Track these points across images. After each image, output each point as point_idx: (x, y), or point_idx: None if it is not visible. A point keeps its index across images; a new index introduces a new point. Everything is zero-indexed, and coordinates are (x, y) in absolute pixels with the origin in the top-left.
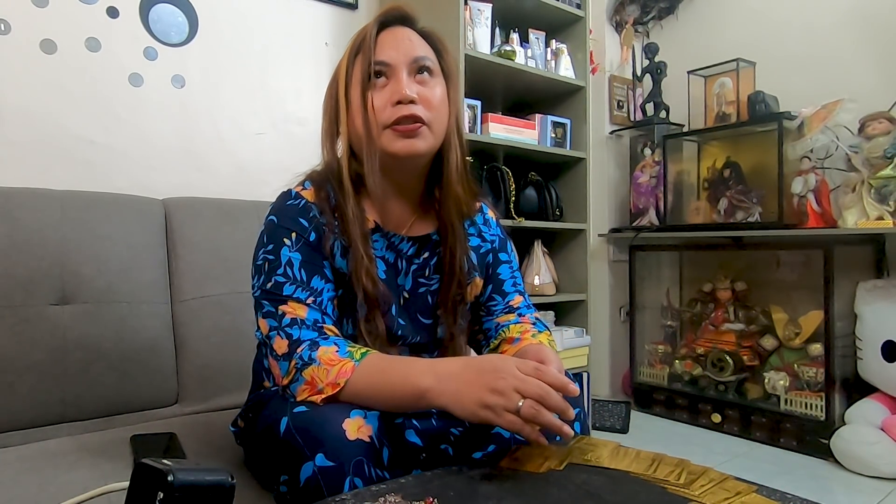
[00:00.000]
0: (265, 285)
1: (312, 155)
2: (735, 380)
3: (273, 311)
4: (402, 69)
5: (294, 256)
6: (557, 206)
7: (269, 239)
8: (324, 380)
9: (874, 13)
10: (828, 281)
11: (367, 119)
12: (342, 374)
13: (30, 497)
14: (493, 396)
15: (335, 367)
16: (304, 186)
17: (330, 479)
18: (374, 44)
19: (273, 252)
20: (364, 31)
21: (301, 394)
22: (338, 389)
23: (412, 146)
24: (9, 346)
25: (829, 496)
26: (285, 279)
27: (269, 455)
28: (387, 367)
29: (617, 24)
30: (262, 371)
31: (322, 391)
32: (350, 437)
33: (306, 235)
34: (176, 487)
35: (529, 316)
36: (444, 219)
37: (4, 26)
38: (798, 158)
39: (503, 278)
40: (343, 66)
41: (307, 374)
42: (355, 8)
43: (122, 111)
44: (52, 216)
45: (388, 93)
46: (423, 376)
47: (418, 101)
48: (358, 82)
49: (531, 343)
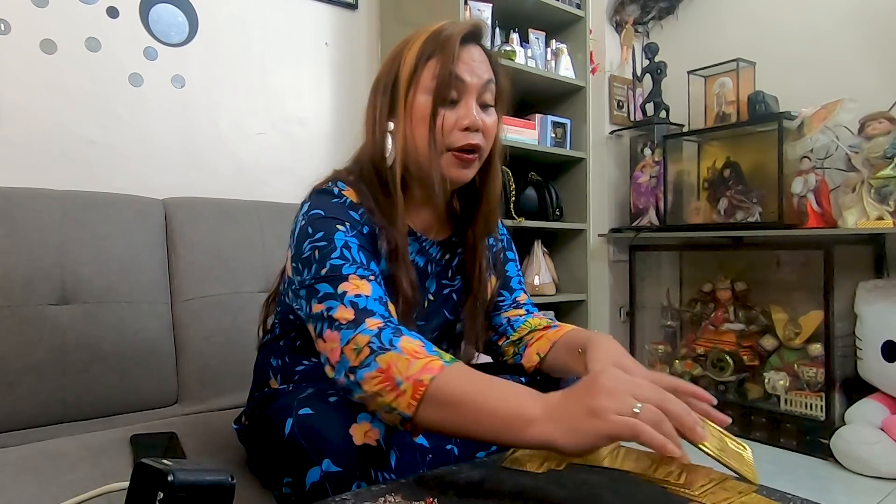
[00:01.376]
0: (318, 272)
1: (312, 155)
2: (735, 380)
3: (332, 291)
4: (474, 92)
5: (351, 241)
6: (557, 206)
7: (318, 229)
8: (404, 372)
9: (874, 13)
10: (828, 281)
11: (433, 136)
12: (427, 370)
13: (30, 497)
14: (601, 399)
15: (420, 360)
16: (340, 186)
17: (337, 484)
18: (457, 58)
19: (325, 238)
20: (442, 38)
21: (368, 382)
22: (422, 390)
23: (464, 175)
24: (9, 346)
25: (829, 496)
26: (343, 261)
27: (272, 455)
28: (484, 382)
29: (617, 24)
30: (267, 369)
31: (400, 388)
32: (357, 443)
33: (359, 228)
34: (176, 487)
35: (538, 314)
36: (475, 234)
37: (4, 26)
38: (798, 158)
39: (510, 275)
40: (408, 63)
41: (383, 361)
42: (355, 8)
43: (122, 111)
44: (52, 216)
45: (457, 115)
46: (531, 402)
47: (480, 129)
48: (427, 90)
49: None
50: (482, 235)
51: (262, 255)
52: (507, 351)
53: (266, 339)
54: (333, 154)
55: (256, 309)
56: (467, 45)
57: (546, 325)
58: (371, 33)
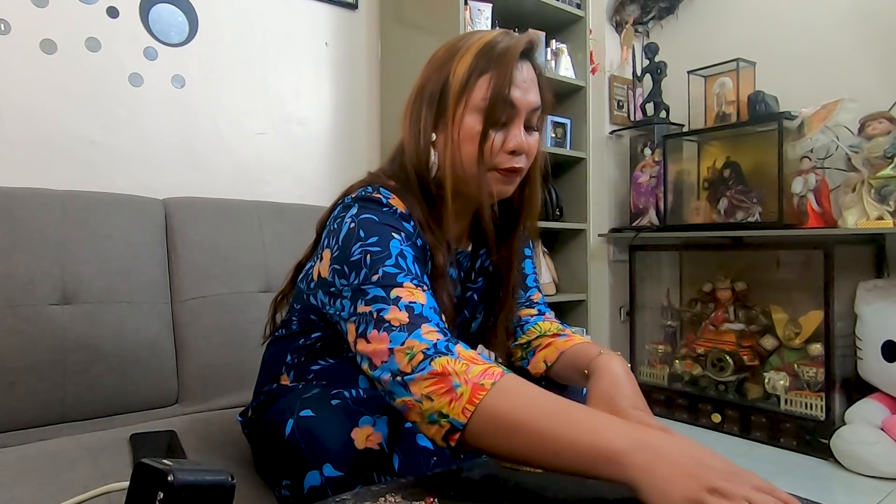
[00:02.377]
0: (370, 277)
1: (312, 155)
2: (735, 380)
3: (384, 295)
4: (523, 116)
5: (406, 250)
6: (557, 206)
7: (372, 233)
8: (462, 374)
9: (874, 13)
10: (828, 281)
11: (482, 157)
12: (489, 376)
13: (30, 497)
14: (713, 498)
15: (479, 365)
16: (384, 194)
17: (338, 488)
18: (512, 80)
19: (379, 244)
20: (497, 54)
21: (419, 384)
22: (482, 395)
23: (506, 192)
24: (9, 346)
25: (829, 496)
26: (398, 270)
27: (272, 455)
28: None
29: (617, 24)
30: (280, 366)
31: (457, 391)
32: (359, 447)
33: (413, 239)
34: (176, 487)
35: (550, 314)
36: (513, 248)
37: (4, 26)
38: (798, 158)
39: (527, 272)
40: (458, 76)
41: (438, 364)
42: (355, 8)
43: (122, 111)
44: (52, 216)
45: (505, 136)
46: (618, 434)
47: (525, 151)
48: (478, 110)
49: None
50: (519, 248)
51: (262, 255)
52: (515, 352)
53: (281, 335)
54: (333, 154)
55: (256, 309)
56: (520, 62)
57: (556, 333)
58: (371, 33)
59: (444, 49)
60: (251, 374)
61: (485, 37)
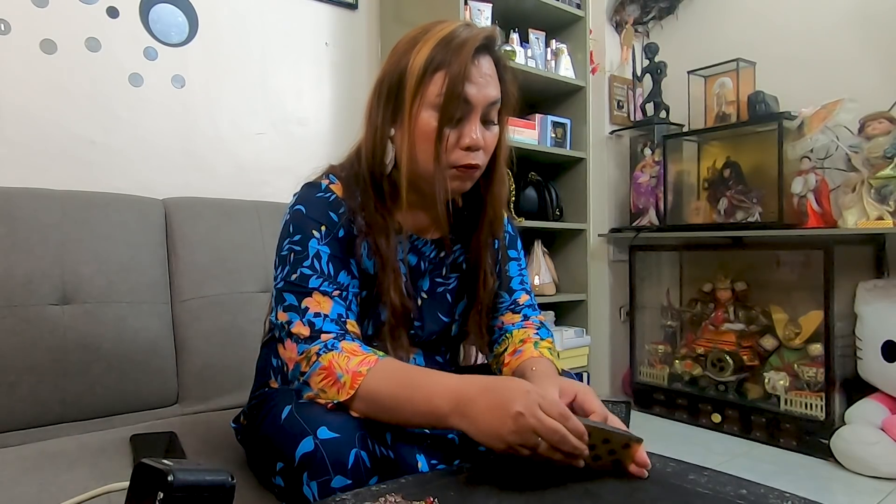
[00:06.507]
0: (290, 276)
1: (312, 155)
2: (735, 380)
3: (296, 304)
4: (479, 112)
5: (322, 250)
6: (557, 206)
7: (297, 230)
8: (343, 366)
9: (874, 13)
10: (828, 281)
11: (438, 153)
12: (365, 363)
13: (30, 497)
14: (512, 436)
15: (357, 357)
16: (330, 180)
17: (333, 449)
18: (466, 75)
19: (300, 243)
20: (453, 47)
21: (314, 380)
22: (359, 380)
23: (463, 187)
24: (9, 346)
25: (829, 496)
26: (312, 272)
27: (268, 447)
28: (408, 378)
29: (617, 24)
30: (268, 370)
31: (341, 381)
32: (354, 415)
33: (335, 231)
34: (176, 487)
35: (534, 319)
36: (480, 240)
37: (4, 26)
38: (798, 158)
39: (511, 275)
40: (414, 71)
41: (325, 360)
42: (355, 8)
43: (122, 111)
44: (52, 216)
45: (459, 133)
46: (443, 399)
47: (481, 148)
48: (433, 106)
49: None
50: (487, 242)
51: (261, 255)
52: (492, 364)
53: (267, 339)
54: (333, 154)
55: (256, 309)
56: (478, 55)
57: (517, 349)
58: (371, 33)
59: (405, 40)
60: (251, 375)
61: (444, 29)
